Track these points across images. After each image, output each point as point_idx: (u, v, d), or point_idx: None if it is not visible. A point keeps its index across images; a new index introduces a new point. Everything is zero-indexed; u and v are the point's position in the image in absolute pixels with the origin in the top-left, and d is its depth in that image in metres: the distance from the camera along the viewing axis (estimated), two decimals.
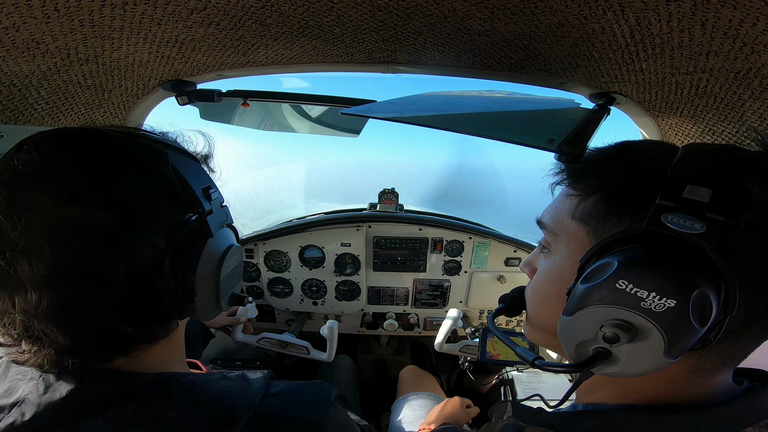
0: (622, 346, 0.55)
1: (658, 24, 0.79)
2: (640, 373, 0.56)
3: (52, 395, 0.65)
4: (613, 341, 0.55)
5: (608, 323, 0.55)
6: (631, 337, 0.54)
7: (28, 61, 0.94)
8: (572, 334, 0.59)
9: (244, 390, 0.78)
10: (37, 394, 0.66)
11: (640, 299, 0.52)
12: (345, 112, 1.04)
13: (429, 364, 3.08)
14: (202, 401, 0.71)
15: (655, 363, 0.54)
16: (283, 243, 2.52)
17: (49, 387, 0.66)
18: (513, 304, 0.99)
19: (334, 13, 0.90)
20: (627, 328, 0.53)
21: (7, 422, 0.64)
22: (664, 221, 0.54)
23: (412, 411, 1.92)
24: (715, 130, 1.21)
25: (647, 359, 0.54)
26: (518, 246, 2.52)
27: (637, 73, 1.05)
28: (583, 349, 0.59)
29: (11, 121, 1.19)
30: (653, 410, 0.63)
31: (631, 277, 0.53)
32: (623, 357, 0.56)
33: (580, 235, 0.69)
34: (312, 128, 2.10)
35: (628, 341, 0.54)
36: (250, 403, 0.74)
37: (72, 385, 0.66)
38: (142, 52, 1.04)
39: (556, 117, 1.15)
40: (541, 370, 2.28)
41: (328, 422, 0.79)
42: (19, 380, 0.69)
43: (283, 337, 2.17)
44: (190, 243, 0.72)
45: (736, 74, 0.93)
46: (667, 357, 0.53)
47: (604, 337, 0.55)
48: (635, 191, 0.61)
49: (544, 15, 0.83)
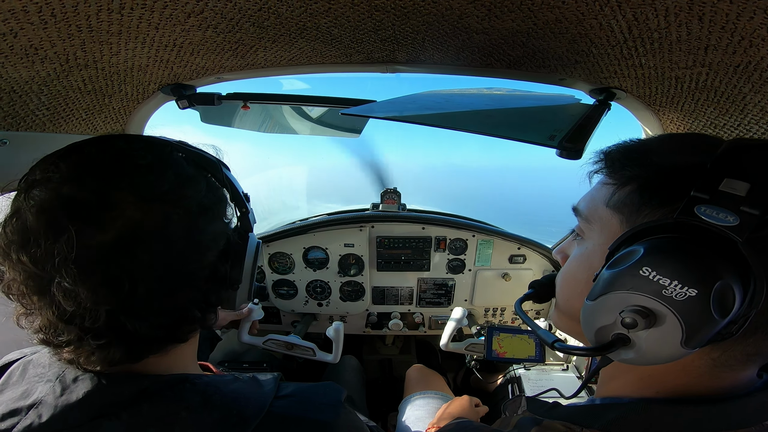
0: (640, 333, 0.55)
1: (656, 19, 0.78)
2: (657, 361, 0.57)
3: (69, 397, 0.66)
4: (632, 327, 0.55)
5: (628, 309, 0.55)
6: (649, 324, 0.54)
7: (27, 67, 0.95)
8: (594, 318, 0.60)
9: (256, 392, 0.78)
10: (54, 396, 0.67)
11: (662, 287, 0.52)
12: (345, 113, 1.05)
13: (435, 363, 3.08)
14: (215, 403, 0.72)
15: (672, 352, 0.54)
16: (286, 245, 2.53)
17: (66, 389, 0.67)
18: (542, 290, 0.99)
19: (332, 14, 0.90)
20: (646, 315, 0.54)
21: (24, 424, 0.65)
22: (697, 212, 0.54)
23: (420, 410, 1.91)
24: (717, 123, 1.21)
25: (665, 347, 0.54)
26: (522, 243, 2.51)
27: (636, 68, 1.05)
28: (603, 334, 0.60)
29: (13, 127, 1.20)
30: (673, 402, 0.63)
31: (654, 265, 0.53)
32: (641, 343, 0.56)
33: (613, 224, 0.69)
34: (313, 129, 2.11)
35: (645, 327, 0.54)
36: (262, 405, 0.75)
37: (88, 387, 0.67)
38: (141, 56, 1.04)
39: (557, 113, 1.15)
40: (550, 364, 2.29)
41: (340, 423, 0.80)
42: (37, 382, 0.71)
43: (289, 339, 2.18)
44: (241, 237, 0.85)
45: (736, 68, 0.92)
46: (684, 347, 0.53)
47: (623, 322, 0.56)
48: (670, 182, 0.62)
49: (542, 12, 0.83)
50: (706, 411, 0.60)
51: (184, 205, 0.69)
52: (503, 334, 2.09)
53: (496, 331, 2.09)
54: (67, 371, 0.70)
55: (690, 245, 0.54)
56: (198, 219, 0.72)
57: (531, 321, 0.84)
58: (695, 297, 0.51)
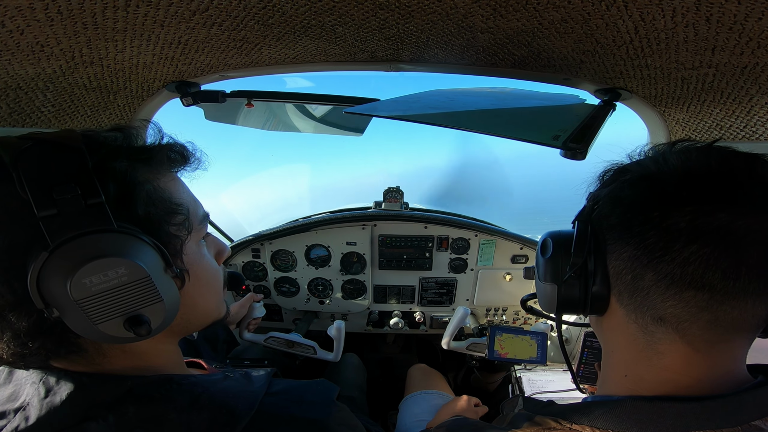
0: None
1: (663, 19, 0.78)
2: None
3: (53, 399, 0.65)
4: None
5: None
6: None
7: (33, 64, 0.95)
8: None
9: (246, 389, 0.78)
10: (39, 398, 0.66)
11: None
12: (349, 111, 1.04)
13: (436, 363, 3.08)
14: (203, 402, 0.71)
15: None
16: (289, 242, 2.53)
17: (50, 390, 0.67)
18: None
19: (336, 12, 0.89)
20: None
21: (11, 427, 0.64)
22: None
23: (420, 409, 1.92)
24: (723, 125, 1.20)
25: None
26: (525, 243, 2.50)
27: (642, 68, 1.04)
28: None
29: (19, 124, 1.20)
30: (660, 400, 0.66)
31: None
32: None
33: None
34: (316, 127, 2.11)
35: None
36: (252, 403, 0.74)
37: (70, 387, 0.66)
38: (146, 53, 1.04)
39: (562, 113, 1.14)
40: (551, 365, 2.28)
41: (331, 421, 0.79)
42: (24, 383, 0.70)
43: (290, 337, 2.18)
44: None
45: (743, 69, 0.92)
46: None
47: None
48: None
49: (547, 11, 0.83)
50: (691, 408, 0.62)
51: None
52: (505, 334, 2.08)
53: (499, 331, 2.09)
54: (48, 373, 0.69)
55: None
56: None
57: (541, 313, 0.90)
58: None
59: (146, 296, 0.64)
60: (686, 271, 0.61)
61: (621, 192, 0.72)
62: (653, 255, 0.64)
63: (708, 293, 0.61)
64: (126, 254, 0.62)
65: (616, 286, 0.72)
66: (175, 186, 0.79)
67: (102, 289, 0.61)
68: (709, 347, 0.65)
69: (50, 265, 0.58)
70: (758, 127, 1.14)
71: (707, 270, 0.60)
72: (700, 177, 0.64)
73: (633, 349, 0.72)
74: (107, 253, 0.60)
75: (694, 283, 0.61)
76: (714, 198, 0.61)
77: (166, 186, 0.76)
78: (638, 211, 0.67)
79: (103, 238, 0.61)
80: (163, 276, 0.68)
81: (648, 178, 0.69)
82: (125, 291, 0.63)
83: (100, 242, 0.61)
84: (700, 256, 0.60)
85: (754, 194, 0.61)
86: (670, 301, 0.64)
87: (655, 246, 0.64)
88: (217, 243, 0.94)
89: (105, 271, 0.60)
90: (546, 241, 0.84)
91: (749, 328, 0.64)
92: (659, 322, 0.66)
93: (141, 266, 0.62)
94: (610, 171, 0.79)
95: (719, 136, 1.27)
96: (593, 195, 0.80)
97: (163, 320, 0.67)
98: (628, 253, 0.68)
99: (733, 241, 0.59)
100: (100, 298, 0.61)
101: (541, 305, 0.89)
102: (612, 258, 0.71)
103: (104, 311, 0.62)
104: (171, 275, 0.70)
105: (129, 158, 0.71)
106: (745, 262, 0.59)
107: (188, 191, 0.84)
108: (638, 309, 0.68)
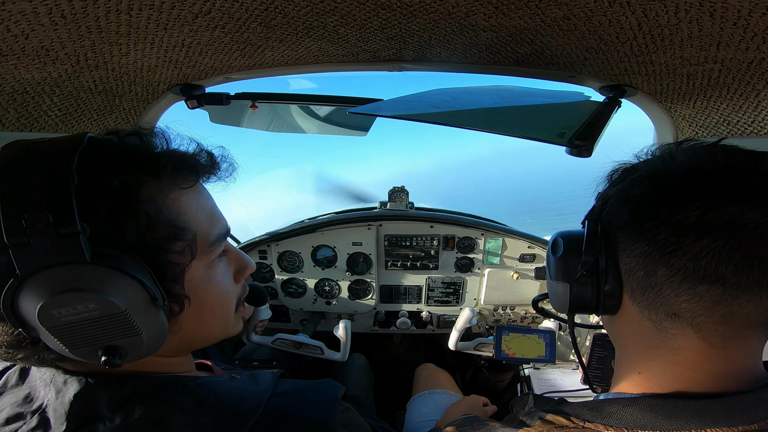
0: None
1: (666, 15, 0.77)
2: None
3: (63, 400, 0.66)
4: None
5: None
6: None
7: (39, 68, 0.96)
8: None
9: (252, 390, 0.78)
10: (52, 399, 0.67)
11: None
12: (353, 111, 1.04)
13: (443, 362, 3.08)
14: (209, 403, 0.72)
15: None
16: (295, 243, 2.54)
17: (59, 392, 0.67)
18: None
19: (338, 13, 0.90)
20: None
21: (27, 428, 0.66)
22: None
23: (428, 409, 1.91)
24: (730, 120, 1.19)
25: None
26: (533, 242, 2.48)
27: (647, 64, 1.03)
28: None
29: (26, 128, 1.22)
30: (675, 397, 0.66)
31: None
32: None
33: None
34: (321, 128, 2.11)
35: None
36: (258, 403, 0.75)
37: (76, 388, 0.67)
38: (150, 56, 1.05)
39: (567, 110, 1.14)
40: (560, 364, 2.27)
41: (336, 421, 0.79)
42: (37, 385, 0.71)
43: (298, 338, 2.18)
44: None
45: (749, 64, 0.91)
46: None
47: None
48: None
49: (549, 8, 0.82)
50: (707, 405, 0.62)
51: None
52: (513, 333, 2.07)
53: (506, 330, 2.08)
54: (56, 374, 0.70)
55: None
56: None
57: (553, 314, 0.90)
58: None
59: (121, 330, 0.61)
60: (699, 265, 0.61)
61: (630, 190, 0.73)
62: (665, 250, 0.64)
63: (722, 287, 0.61)
64: (97, 289, 0.58)
65: (629, 283, 0.71)
66: (185, 204, 0.73)
67: (72, 321, 0.58)
68: (724, 342, 0.65)
69: (21, 291, 0.57)
70: (766, 122, 1.13)
71: (720, 263, 0.60)
72: (708, 172, 0.64)
73: (647, 346, 0.72)
74: (75, 287, 0.57)
75: (707, 277, 0.61)
76: (722, 192, 0.61)
77: (173, 205, 0.71)
78: (648, 207, 0.67)
79: (74, 270, 0.58)
80: (145, 308, 0.64)
81: (656, 176, 0.69)
82: (97, 324, 0.60)
83: (70, 275, 0.58)
84: (711, 250, 0.60)
85: (762, 188, 0.61)
86: (684, 296, 0.63)
87: (667, 241, 0.64)
88: (239, 259, 0.89)
89: (74, 305, 0.58)
90: (557, 240, 0.84)
91: (765, 322, 0.64)
92: (673, 318, 0.66)
93: (114, 302, 0.59)
94: (618, 170, 0.80)
95: (727, 132, 1.26)
96: (602, 194, 0.80)
97: (143, 351, 0.66)
98: (639, 249, 0.68)
99: (744, 234, 0.59)
100: (71, 328, 0.59)
101: (553, 305, 0.89)
102: (623, 255, 0.72)
103: (76, 340, 0.60)
104: (158, 307, 0.66)
105: (133, 172, 0.67)
106: (758, 255, 0.59)
107: (204, 208, 0.78)
108: (651, 305, 0.68)
